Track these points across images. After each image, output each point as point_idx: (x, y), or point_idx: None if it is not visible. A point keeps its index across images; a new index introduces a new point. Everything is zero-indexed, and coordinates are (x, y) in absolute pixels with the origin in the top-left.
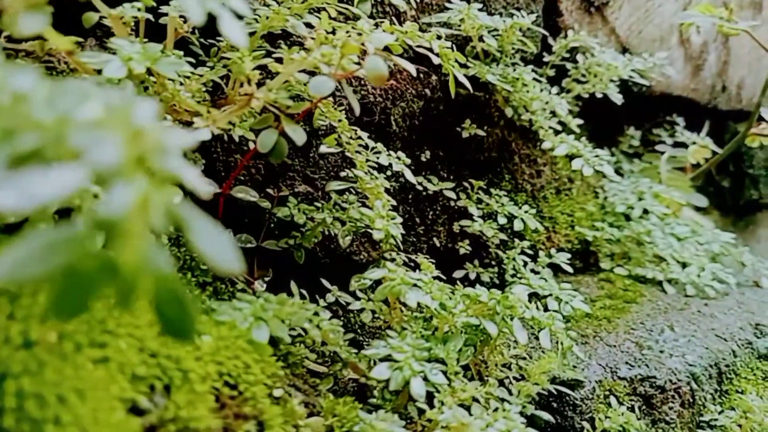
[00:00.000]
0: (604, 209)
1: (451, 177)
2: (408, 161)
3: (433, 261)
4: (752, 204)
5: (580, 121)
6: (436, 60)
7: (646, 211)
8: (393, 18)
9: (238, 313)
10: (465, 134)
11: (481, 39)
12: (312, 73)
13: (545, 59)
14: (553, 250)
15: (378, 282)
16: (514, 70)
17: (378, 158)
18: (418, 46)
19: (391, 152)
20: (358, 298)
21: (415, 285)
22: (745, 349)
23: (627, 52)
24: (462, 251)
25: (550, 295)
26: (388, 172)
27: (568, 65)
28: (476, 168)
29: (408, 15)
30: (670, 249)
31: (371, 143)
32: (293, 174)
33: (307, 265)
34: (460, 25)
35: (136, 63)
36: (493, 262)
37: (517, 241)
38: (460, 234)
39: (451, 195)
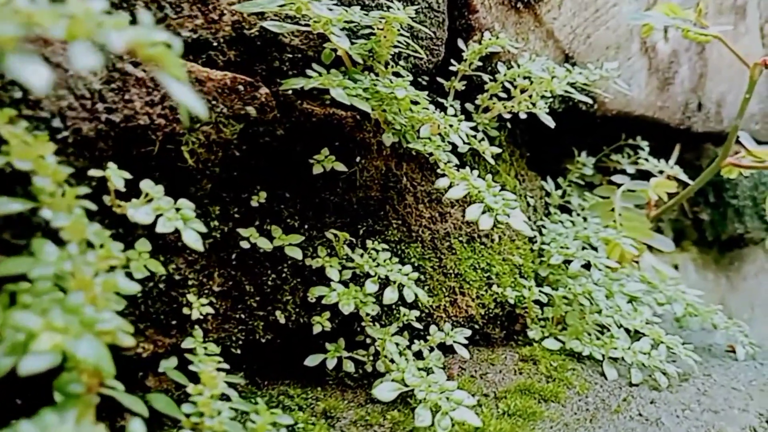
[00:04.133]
0: (542, 258)
1: (306, 227)
2: (192, 215)
3: (239, 359)
4: (736, 239)
5: (498, 150)
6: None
7: (589, 264)
8: (194, 6)
9: None
10: (317, 169)
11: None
12: None
13: (453, 68)
14: (447, 326)
15: None
16: (392, 82)
17: (135, 212)
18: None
19: (162, 203)
20: None
21: None
22: None
23: (571, 62)
24: (319, 328)
25: (424, 400)
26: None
27: (485, 77)
28: (346, 213)
29: (223, 1)
30: (618, 314)
31: (149, 188)
32: None
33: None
34: (310, 20)
35: None
36: (368, 340)
37: (404, 310)
38: (319, 305)
39: (296, 254)
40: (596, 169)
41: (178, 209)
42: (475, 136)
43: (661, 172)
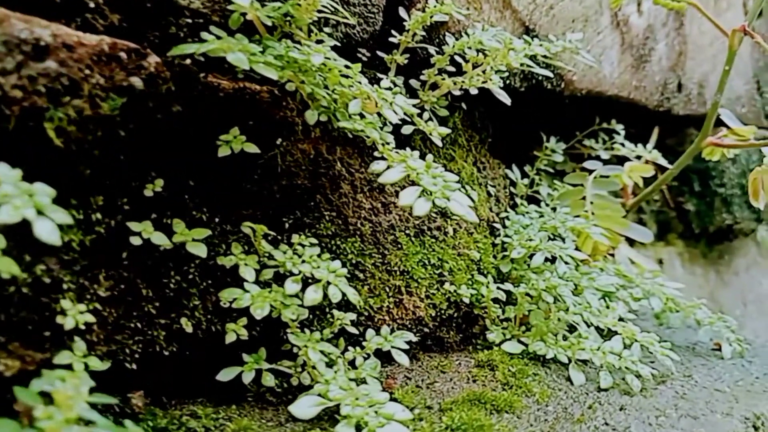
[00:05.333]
0: (504, 253)
1: (217, 220)
2: (48, 201)
3: (138, 376)
4: (725, 230)
5: (446, 131)
6: None
7: (554, 258)
8: None
9: None
10: (224, 151)
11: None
12: None
13: (394, 39)
14: (385, 330)
15: None
16: (311, 49)
17: None
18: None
19: (8, 188)
20: None
21: None
22: None
23: (532, 35)
24: (233, 337)
25: (348, 416)
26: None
27: (432, 49)
28: (267, 204)
29: None
30: (587, 312)
31: None
32: None
33: None
34: None
35: None
36: (296, 349)
37: (337, 313)
38: (235, 309)
39: (199, 251)
40: (569, 156)
41: (31, 195)
42: (421, 116)
43: (638, 157)
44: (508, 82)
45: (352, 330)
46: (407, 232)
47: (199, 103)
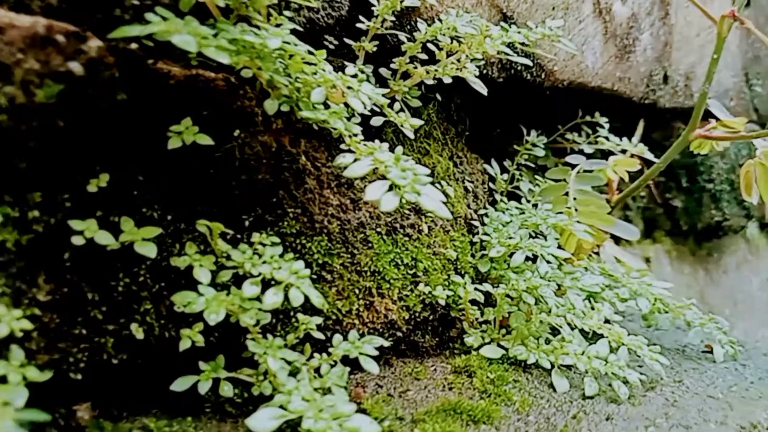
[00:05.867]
0: (483, 252)
1: (170, 218)
2: None
3: (85, 387)
4: (714, 227)
5: (419, 122)
6: None
7: (535, 257)
8: None
9: None
10: (174, 143)
11: None
12: None
13: (362, 25)
14: (354, 334)
15: None
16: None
17: None
18: None
19: None
20: None
21: None
22: None
23: (510, 23)
24: (188, 343)
25: (308, 431)
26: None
27: (403, 36)
28: (225, 200)
29: None
30: (570, 313)
31: None
32: None
33: None
34: None
35: None
36: (256, 356)
37: (302, 317)
38: (192, 314)
39: (148, 251)
40: (551, 150)
41: None
42: (391, 107)
43: (624, 151)
44: (485, 71)
45: (319, 335)
46: (378, 230)
47: (148, 91)
